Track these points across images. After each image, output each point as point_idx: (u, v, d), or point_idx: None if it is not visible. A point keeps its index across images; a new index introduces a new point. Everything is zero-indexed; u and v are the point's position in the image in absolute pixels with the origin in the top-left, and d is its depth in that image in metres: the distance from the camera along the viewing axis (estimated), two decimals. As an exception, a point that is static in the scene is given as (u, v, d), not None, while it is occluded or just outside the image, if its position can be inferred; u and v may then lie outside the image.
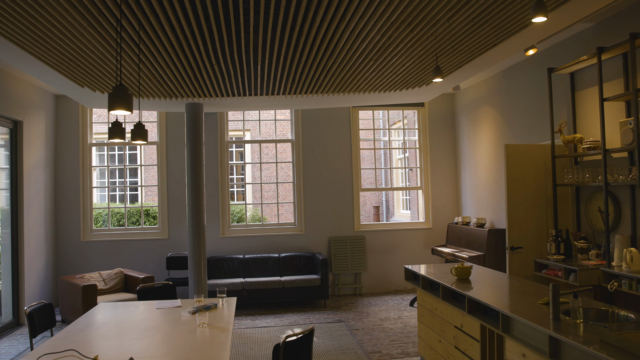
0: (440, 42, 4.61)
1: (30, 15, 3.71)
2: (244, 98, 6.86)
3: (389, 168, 12.25)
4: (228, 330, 3.48)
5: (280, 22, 4.00)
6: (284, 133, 13.80)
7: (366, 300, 7.89)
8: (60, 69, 5.21)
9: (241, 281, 7.46)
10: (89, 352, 2.93)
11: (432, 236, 8.73)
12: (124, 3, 3.49)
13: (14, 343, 6.00)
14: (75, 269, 7.91)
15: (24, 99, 6.96)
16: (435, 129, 8.87)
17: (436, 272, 4.70)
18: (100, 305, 4.48)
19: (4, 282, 6.82)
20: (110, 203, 12.83)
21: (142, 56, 4.70)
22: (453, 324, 4.04)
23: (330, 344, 5.66)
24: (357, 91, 6.68)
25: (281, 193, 14.41)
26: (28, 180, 7.04)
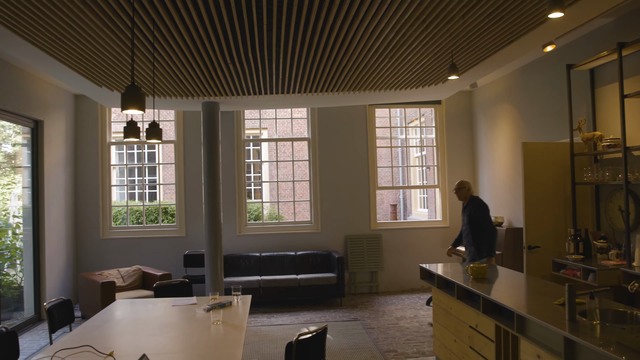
0: (455, 39, 4.56)
1: (48, 17, 3.77)
2: (260, 97, 6.88)
3: (405, 166, 12.18)
4: (242, 327, 3.49)
5: (293, 20, 4.00)
6: (301, 131, 13.82)
7: (382, 299, 7.86)
8: (79, 69, 5.29)
9: (257, 279, 7.49)
10: (104, 348, 2.97)
11: (449, 235, 8.65)
12: (138, 3, 3.53)
13: (36, 338, 6.13)
14: (95, 266, 8.04)
15: (44, 99, 7.09)
16: (453, 127, 8.79)
17: (451, 271, 4.67)
18: (118, 302, 4.54)
19: (26, 278, 6.96)
20: (130, 201, 13.01)
21: (157, 55, 4.75)
22: (468, 323, 4.01)
23: (346, 343, 5.65)
24: (373, 89, 6.66)
25: (298, 191, 14.46)
26: (49, 179, 7.17)
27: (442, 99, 8.66)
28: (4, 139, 11.59)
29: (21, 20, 3.85)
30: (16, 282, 7.30)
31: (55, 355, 2.79)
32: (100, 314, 4.05)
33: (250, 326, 6.42)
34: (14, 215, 7.78)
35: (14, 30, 4.08)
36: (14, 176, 8.53)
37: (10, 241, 7.34)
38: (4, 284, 7.08)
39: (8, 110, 6.20)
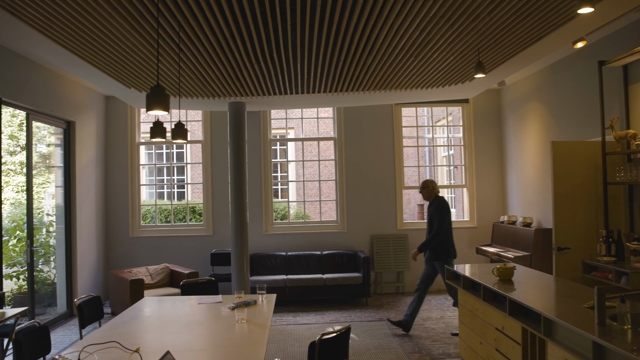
0: (481, 36, 4.49)
1: (78, 21, 3.87)
2: (286, 96, 6.91)
3: (432, 166, 12.06)
4: (266, 326, 3.52)
5: (317, 20, 4.00)
6: (327, 131, 13.82)
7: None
8: (108, 71, 5.41)
9: (283, 278, 7.53)
10: (131, 344, 3.03)
11: (476, 235, 8.54)
12: (162, 4, 3.59)
13: (67, 333, 6.30)
14: (124, 263, 8.22)
15: (76, 100, 7.27)
16: (481, 126, 8.67)
17: (477, 272, 4.60)
18: (145, 299, 4.63)
19: (59, 275, 7.16)
20: (158, 200, 13.23)
21: (182, 56, 4.82)
22: (494, 325, 3.95)
23: (371, 343, 5.63)
24: (399, 88, 6.61)
25: (325, 191, 14.47)
26: (80, 178, 7.36)
27: (470, 98, 8.53)
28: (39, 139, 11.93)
29: (52, 24, 3.96)
30: (50, 278, 7.51)
31: (83, 350, 2.86)
32: (128, 310, 4.13)
33: (276, 325, 6.46)
34: (47, 214, 8.01)
35: (45, 34, 4.20)
36: (49, 175, 8.78)
37: (44, 239, 7.56)
38: (38, 280, 7.30)
39: (41, 111, 6.38)
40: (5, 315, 4.26)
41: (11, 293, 7.36)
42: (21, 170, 10.00)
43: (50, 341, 3.50)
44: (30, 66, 6.10)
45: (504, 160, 8.52)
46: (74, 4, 3.55)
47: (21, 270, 7.15)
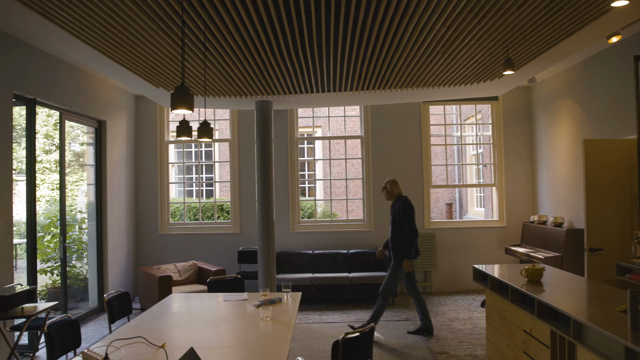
0: (510, 32, 4.40)
1: (107, 22, 3.95)
2: (312, 95, 6.91)
3: (461, 164, 11.90)
4: (290, 324, 3.52)
5: (342, 18, 3.99)
6: (355, 129, 13.78)
7: (435, 300, 7.72)
8: (137, 71, 5.51)
9: (310, 276, 7.54)
10: (157, 340, 3.08)
11: (506, 235, 8.39)
12: (188, 4, 3.63)
13: (98, 327, 6.45)
14: (153, 260, 8.36)
15: (107, 100, 7.43)
16: (511, 124, 8.50)
17: (505, 273, 4.51)
18: (172, 295, 4.70)
19: (90, 270, 7.33)
20: (187, 198, 13.42)
21: (208, 55, 4.87)
22: (522, 327, 3.87)
23: (396, 343, 5.59)
24: (426, 86, 6.54)
25: (352, 189, 14.44)
26: (111, 176, 7.52)
27: (499, 95, 8.39)
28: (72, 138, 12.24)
29: (83, 26, 4.05)
30: (82, 273, 7.71)
31: (110, 344, 2.92)
32: (155, 306, 4.20)
33: (302, 323, 6.48)
34: (79, 211, 8.22)
35: (77, 36, 4.30)
36: (82, 174, 8.99)
37: (77, 235, 7.76)
38: (71, 275, 7.50)
39: (74, 111, 6.54)
40: (38, 309, 4.39)
41: (46, 287, 7.58)
42: (56, 168, 10.28)
43: (80, 335, 3.59)
44: (63, 67, 6.26)
45: (535, 158, 8.34)
46: (103, 6, 3.62)
47: (55, 265, 7.35)
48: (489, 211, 9.81)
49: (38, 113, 11.43)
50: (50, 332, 3.21)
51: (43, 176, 11.89)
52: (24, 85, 5.44)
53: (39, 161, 11.73)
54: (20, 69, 5.39)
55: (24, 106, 5.65)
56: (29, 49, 5.55)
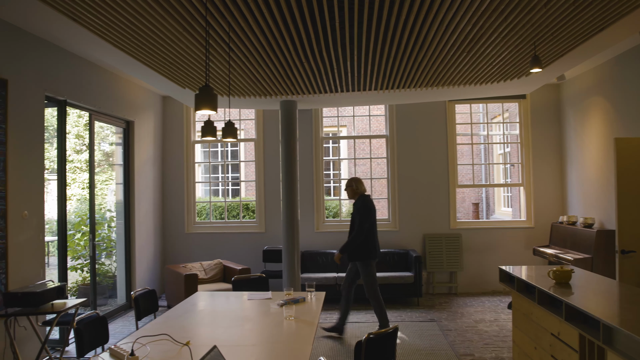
0: (537, 29, 4.31)
1: (133, 24, 4.02)
2: (337, 94, 6.91)
3: (487, 164, 11.73)
4: (313, 324, 3.53)
5: (365, 17, 3.97)
6: (380, 128, 13.72)
7: (461, 300, 7.63)
8: (163, 72, 5.59)
9: (334, 276, 7.54)
10: (182, 337, 3.12)
11: (534, 236, 8.23)
12: (212, 5, 3.66)
13: (126, 324, 6.57)
14: (180, 258, 8.48)
15: (135, 101, 7.57)
16: (539, 122, 8.34)
17: (532, 275, 4.43)
18: (198, 293, 4.75)
19: (119, 268, 7.49)
20: (213, 197, 13.57)
21: (233, 55, 4.91)
22: (549, 330, 3.79)
23: (421, 344, 5.55)
24: (452, 84, 6.47)
25: (377, 189, 14.38)
26: (139, 176, 7.65)
27: (527, 93, 8.24)
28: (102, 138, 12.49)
29: (110, 28, 4.13)
30: (111, 271, 7.87)
31: (136, 341, 2.97)
32: (181, 304, 4.26)
33: (326, 322, 6.48)
34: (108, 210, 8.39)
35: (105, 38, 4.39)
36: (111, 173, 9.18)
37: (106, 233, 7.92)
38: (100, 273, 7.66)
39: (103, 111, 6.68)
40: (67, 305, 4.50)
41: (76, 284, 7.77)
42: (86, 167, 10.51)
43: (108, 331, 3.66)
44: (93, 69, 6.40)
45: (564, 157, 8.17)
46: (129, 9, 3.69)
47: (85, 262, 7.52)
48: (517, 211, 9.65)
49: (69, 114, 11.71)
50: (79, 327, 3.28)
51: (74, 175, 12.18)
52: (55, 87, 5.58)
53: (70, 161, 12.01)
54: (52, 71, 5.53)
55: (55, 107, 5.80)
56: (60, 51, 5.69)
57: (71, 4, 3.63)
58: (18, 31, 4.95)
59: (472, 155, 9.03)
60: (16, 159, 4.88)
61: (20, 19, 4.73)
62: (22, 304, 4.28)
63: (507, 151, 10.72)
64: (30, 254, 5.08)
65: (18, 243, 4.89)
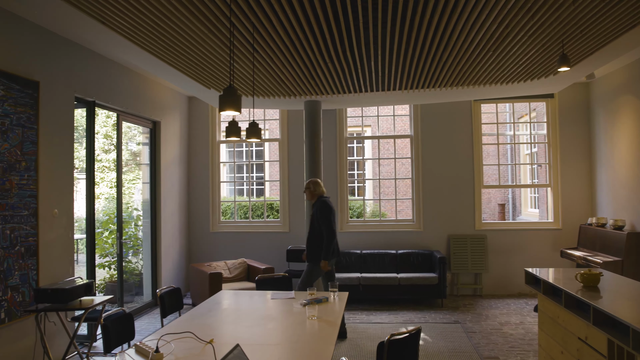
0: (565, 27, 4.23)
1: (159, 26, 4.09)
2: (361, 94, 6.90)
3: (514, 164, 11.55)
4: (336, 324, 3.53)
5: (389, 17, 3.95)
6: (404, 128, 13.65)
7: (486, 302, 7.54)
8: (189, 73, 5.67)
9: (357, 276, 7.53)
10: (206, 335, 3.16)
11: (561, 238, 8.08)
12: (236, 6, 3.70)
13: (152, 321, 6.68)
14: (204, 257, 8.58)
15: (161, 101, 7.69)
16: (567, 122, 8.17)
17: (559, 277, 4.35)
18: (222, 292, 4.80)
19: (145, 266, 7.61)
20: (238, 197, 13.69)
21: (257, 56, 4.95)
22: (577, 335, 3.71)
23: (444, 345, 5.50)
24: (477, 84, 6.39)
25: (401, 189, 14.30)
26: (165, 175, 7.77)
27: (555, 92, 8.08)
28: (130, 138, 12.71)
29: (138, 31, 4.21)
30: (138, 269, 8.01)
31: (161, 338, 3.02)
32: (205, 302, 4.31)
33: (349, 322, 6.48)
34: (135, 209, 8.54)
35: (132, 40, 4.48)
36: (138, 172, 9.34)
37: (132, 232, 8.07)
38: (127, 270, 7.81)
39: (130, 112, 6.80)
40: (94, 302, 4.60)
41: (104, 281, 7.93)
42: (114, 167, 10.73)
43: (134, 328, 3.73)
44: (120, 70, 6.52)
45: (593, 158, 7.99)
46: (155, 11, 3.75)
47: (112, 260, 7.67)
48: (544, 212, 9.48)
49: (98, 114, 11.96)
50: (106, 324, 3.35)
51: (102, 174, 12.43)
52: (84, 88, 5.70)
53: (99, 160, 12.26)
54: (81, 73, 5.66)
55: (84, 108, 5.93)
56: (89, 53, 5.82)
57: (100, 7, 3.71)
58: (49, 34, 5.08)
59: (498, 155, 8.90)
60: (47, 158, 5.01)
61: (51, 23, 4.85)
62: (51, 300, 4.39)
63: (534, 151, 10.54)
64: (59, 252, 5.21)
65: (48, 240, 5.02)
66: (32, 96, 4.80)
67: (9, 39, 4.54)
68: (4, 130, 4.44)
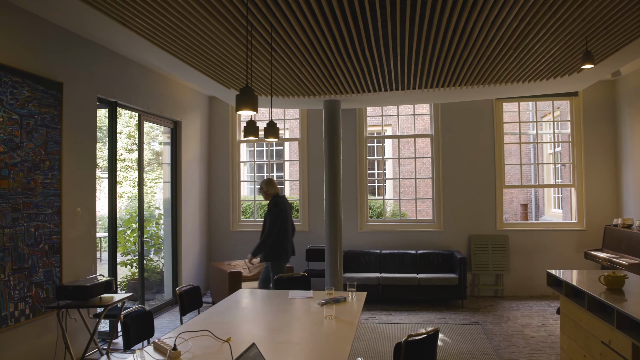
0: (589, 24, 4.14)
1: (179, 27, 4.13)
2: (381, 94, 6.86)
3: (537, 164, 11.36)
4: (353, 324, 3.52)
5: (408, 16, 3.92)
6: (425, 127, 13.54)
7: (507, 304, 7.43)
8: (209, 73, 5.71)
9: (377, 276, 7.50)
10: (223, 334, 3.18)
11: (585, 239, 7.91)
12: (254, 7, 3.71)
13: (172, 319, 6.76)
14: (224, 256, 8.64)
15: (182, 101, 7.77)
16: (592, 121, 8.00)
17: (582, 279, 4.26)
18: (240, 291, 4.83)
19: (166, 264, 7.70)
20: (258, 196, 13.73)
21: (275, 55, 4.96)
22: (600, 338, 3.63)
23: (464, 347, 5.44)
24: (499, 82, 6.30)
25: (422, 188, 14.20)
26: (185, 174, 7.85)
27: (579, 90, 7.92)
28: (152, 138, 12.87)
29: (157, 32, 4.26)
30: (159, 267, 8.11)
31: (179, 336, 3.05)
32: (224, 301, 4.34)
33: (368, 322, 6.46)
34: (156, 207, 8.65)
35: (152, 41, 4.53)
36: (160, 172, 9.45)
37: (154, 230, 8.17)
38: (148, 268, 7.91)
39: (151, 112, 6.89)
40: (114, 299, 4.67)
41: (125, 279, 8.05)
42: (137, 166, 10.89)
43: (153, 325, 3.78)
44: (142, 71, 6.61)
45: (619, 157, 7.81)
46: (174, 12, 3.79)
47: (134, 258, 7.78)
48: (568, 213, 9.30)
49: (121, 115, 12.14)
50: (126, 321, 3.40)
51: (126, 174, 12.61)
52: (106, 89, 5.80)
53: (122, 160, 12.43)
54: (104, 73, 5.75)
55: (106, 108, 6.02)
56: (111, 54, 5.91)
57: (120, 9, 3.77)
58: (72, 36, 5.18)
59: (520, 154, 8.77)
60: (70, 158, 5.10)
61: (73, 24, 4.94)
62: (72, 297, 4.48)
63: (557, 151, 10.36)
64: (82, 249, 5.31)
65: (71, 238, 5.11)
66: (56, 97, 4.90)
67: (33, 41, 4.64)
68: (29, 130, 4.54)
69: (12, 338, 4.32)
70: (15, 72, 4.38)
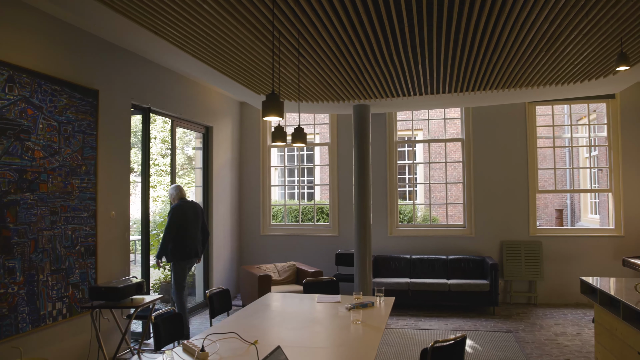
0: (624, 24, 4.04)
1: (209, 35, 4.23)
2: (410, 98, 6.83)
3: (572, 168, 11.08)
4: (380, 329, 3.52)
5: (435, 20, 3.91)
6: (456, 132, 13.38)
7: (540, 312, 7.26)
8: (239, 79, 5.81)
9: (407, 281, 7.44)
10: (251, 336, 3.22)
11: (624, 245, 7.67)
12: (281, 13, 3.76)
13: (202, 321, 6.87)
14: (255, 259, 8.73)
15: (214, 107, 7.91)
16: (630, 123, 7.76)
17: (618, 287, 4.15)
18: (269, 294, 4.88)
19: (197, 267, 7.83)
20: (288, 200, 13.84)
21: (303, 61, 5.00)
22: (636, 349, 3.53)
23: (495, 355, 5.35)
24: (531, 85, 6.20)
25: (453, 193, 14.04)
26: (217, 179, 7.98)
27: (616, 92, 7.71)
28: (185, 143, 13.11)
29: (189, 40, 4.37)
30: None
31: (206, 338, 3.11)
32: (253, 304, 4.39)
33: (397, 328, 6.42)
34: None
35: (184, 49, 4.65)
36: (193, 176, 9.63)
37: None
38: (180, 271, 8.03)
39: (184, 118, 7.04)
40: (144, 301, 4.78)
41: (158, 281, 8.21)
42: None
43: (183, 327, 3.86)
44: (174, 78, 6.77)
45: (659, 161, 7.55)
46: (204, 20, 3.88)
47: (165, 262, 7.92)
48: (605, 219, 9.04)
49: (155, 120, 12.41)
50: (157, 322, 3.49)
51: (160, 178, 12.89)
52: (140, 95, 5.96)
53: (157, 164, 12.72)
54: (137, 81, 5.91)
55: (140, 114, 6.19)
56: (145, 62, 6.07)
57: (153, 19, 3.88)
58: (107, 45, 5.35)
59: (554, 159, 8.58)
60: (105, 163, 5.27)
61: (108, 34, 5.11)
62: (104, 297, 4.62)
63: (594, 155, 10.08)
64: (116, 252, 5.46)
65: (106, 241, 5.27)
66: (92, 104, 5.06)
67: (71, 50, 4.82)
68: (67, 136, 4.71)
69: (49, 336, 4.48)
70: (54, 81, 4.56)
